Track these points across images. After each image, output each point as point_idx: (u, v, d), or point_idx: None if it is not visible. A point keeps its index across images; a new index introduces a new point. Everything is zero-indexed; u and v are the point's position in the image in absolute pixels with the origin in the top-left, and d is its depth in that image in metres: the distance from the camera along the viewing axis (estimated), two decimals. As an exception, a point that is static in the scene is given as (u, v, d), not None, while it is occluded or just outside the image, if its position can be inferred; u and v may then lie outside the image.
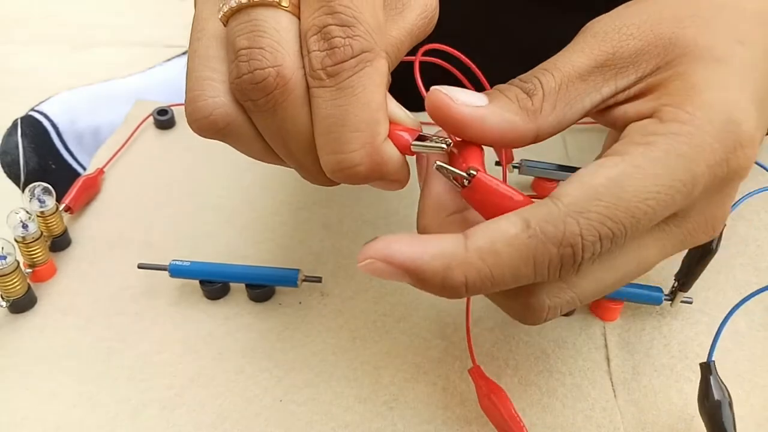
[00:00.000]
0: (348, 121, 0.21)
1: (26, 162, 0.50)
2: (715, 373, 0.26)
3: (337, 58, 0.21)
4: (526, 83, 0.22)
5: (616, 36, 0.23)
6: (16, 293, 0.32)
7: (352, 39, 0.21)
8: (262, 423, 0.28)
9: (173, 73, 0.59)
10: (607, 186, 0.19)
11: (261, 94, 0.21)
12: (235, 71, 0.21)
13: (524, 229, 0.19)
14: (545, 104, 0.22)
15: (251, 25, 0.21)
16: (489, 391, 0.27)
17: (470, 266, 0.20)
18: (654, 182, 0.20)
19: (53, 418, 0.29)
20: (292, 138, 0.23)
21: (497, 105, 0.22)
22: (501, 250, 0.19)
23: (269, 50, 0.21)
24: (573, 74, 0.22)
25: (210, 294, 0.33)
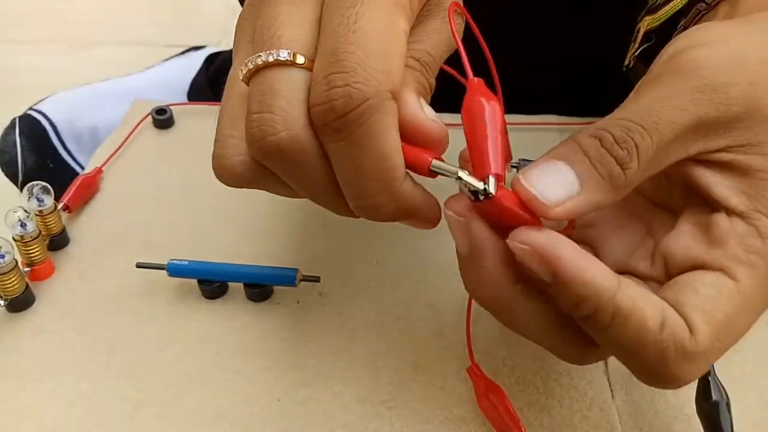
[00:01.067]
0: (362, 173, 0.21)
1: (24, 161, 0.50)
2: (713, 373, 0.26)
3: (338, 112, 0.20)
4: (621, 148, 0.20)
5: (723, 96, 0.21)
6: (14, 292, 0.32)
7: (351, 88, 0.20)
8: (260, 422, 0.28)
9: (172, 72, 0.59)
10: (727, 326, 0.20)
11: (275, 159, 0.22)
12: (248, 137, 0.22)
13: (657, 331, 0.20)
14: (638, 175, 0.21)
15: (264, 88, 0.21)
16: (487, 390, 0.27)
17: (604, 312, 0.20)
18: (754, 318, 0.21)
19: (51, 416, 0.29)
20: (315, 188, 0.23)
21: (590, 192, 0.20)
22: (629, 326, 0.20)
23: (279, 114, 0.21)
24: (671, 136, 0.21)
25: (208, 293, 0.33)
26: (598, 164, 0.20)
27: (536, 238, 0.20)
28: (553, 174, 0.21)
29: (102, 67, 0.73)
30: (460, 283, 0.34)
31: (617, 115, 0.21)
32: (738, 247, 0.21)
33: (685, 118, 0.21)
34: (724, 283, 0.20)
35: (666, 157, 0.21)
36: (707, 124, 0.21)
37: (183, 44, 0.67)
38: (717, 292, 0.20)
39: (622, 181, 0.20)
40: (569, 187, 0.20)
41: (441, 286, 0.34)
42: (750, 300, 0.20)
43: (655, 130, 0.20)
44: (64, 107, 0.52)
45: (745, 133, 0.21)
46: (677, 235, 0.23)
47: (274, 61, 0.21)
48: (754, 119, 0.21)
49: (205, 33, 1.05)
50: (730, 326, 0.20)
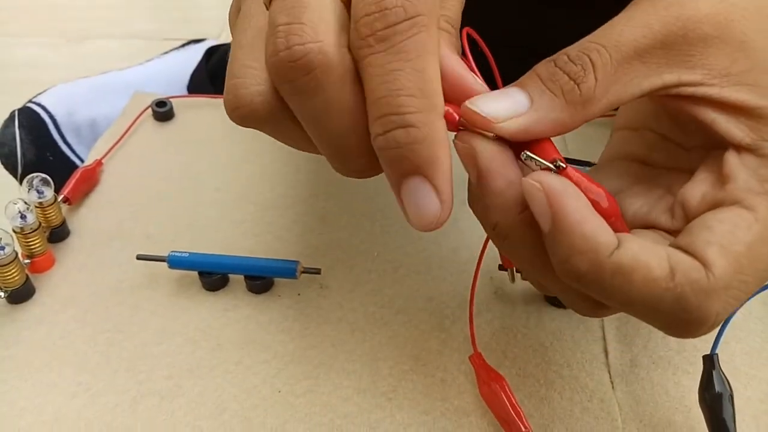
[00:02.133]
0: (403, 86, 0.19)
1: (23, 154, 0.49)
2: (718, 365, 0.26)
3: (389, 20, 0.19)
4: (575, 64, 0.20)
5: (691, 11, 0.20)
6: (15, 284, 0.32)
7: (397, 6, 0.19)
8: (260, 414, 0.28)
9: (172, 65, 0.59)
10: (748, 257, 0.19)
11: (300, 73, 0.19)
12: (272, 47, 0.19)
13: (668, 279, 0.19)
14: (597, 90, 0.20)
15: (293, 1, 0.20)
16: (489, 379, 0.27)
17: (600, 269, 0.19)
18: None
19: (52, 408, 0.29)
20: (334, 120, 0.20)
21: (540, 108, 0.20)
22: (635, 281, 0.19)
23: (310, 24, 0.19)
24: (632, 53, 0.20)
25: (209, 285, 0.33)
26: (548, 81, 0.20)
27: (550, 179, 0.19)
28: (502, 98, 0.20)
29: (101, 61, 0.73)
30: (461, 276, 0.34)
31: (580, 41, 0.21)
32: (751, 179, 0.20)
33: (648, 34, 0.20)
34: (740, 215, 0.20)
35: (633, 78, 0.20)
36: (674, 44, 0.20)
37: (182, 38, 0.67)
38: (733, 225, 0.20)
39: (576, 95, 0.20)
40: (516, 105, 0.20)
41: (442, 278, 0.34)
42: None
43: (614, 47, 0.20)
44: (63, 100, 0.52)
45: (721, 60, 0.21)
46: (693, 183, 0.22)
47: None
48: (727, 44, 0.20)
49: (204, 26, 1.05)
50: (753, 257, 0.19)
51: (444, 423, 0.28)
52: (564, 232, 0.19)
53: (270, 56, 0.20)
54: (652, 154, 0.25)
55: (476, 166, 0.21)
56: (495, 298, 0.33)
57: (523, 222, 0.21)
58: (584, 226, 0.19)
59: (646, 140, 0.25)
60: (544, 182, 0.19)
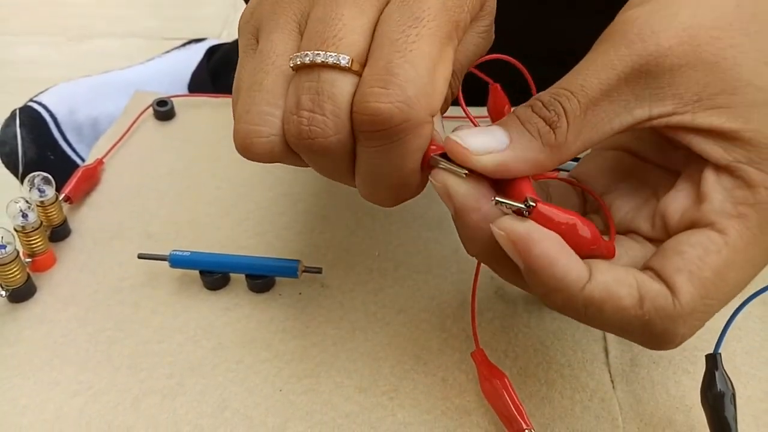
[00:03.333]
0: (381, 181, 0.23)
1: (24, 153, 0.50)
2: (720, 365, 0.26)
3: (377, 126, 0.21)
4: (548, 111, 0.21)
5: (653, 46, 0.21)
6: (16, 282, 0.32)
7: (395, 106, 0.20)
8: (262, 412, 0.28)
9: (173, 64, 0.59)
10: (715, 282, 0.20)
11: (314, 153, 0.22)
12: (295, 130, 0.22)
13: (636, 307, 0.20)
14: (569, 135, 0.21)
15: (318, 87, 0.22)
16: (491, 375, 0.27)
17: (574, 303, 0.20)
18: (752, 266, 0.21)
19: (53, 406, 0.29)
20: (338, 175, 0.24)
21: (519, 146, 0.21)
22: (606, 311, 0.20)
23: (331, 119, 0.22)
24: (598, 95, 0.21)
25: (210, 284, 0.33)
26: (527, 123, 0.21)
27: (514, 226, 0.21)
28: (485, 133, 0.22)
29: (102, 60, 0.73)
30: (462, 275, 0.34)
31: (552, 86, 0.22)
32: (726, 202, 0.21)
33: (611, 74, 0.21)
34: (711, 239, 0.20)
35: (603, 118, 0.21)
36: (640, 79, 0.21)
37: (183, 37, 0.67)
38: (703, 250, 0.20)
39: (552, 139, 0.21)
40: (496, 142, 0.21)
41: (442, 278, 0.34)
42: (743, 252, 0.20)
43: (581, 92, 0.21)
44: (64, 99, 0.52)
45: (691, 87, 0.21)
46: (673, 195, 0.23)
47: (334, 64, 0.21)
48: (696, 70, 0.21)
49: (205, 25, 1.05)
50: (720, 281, 0.20)
51: (445, 422, 0.28)
52: (536, 273, 0.20)
53: (291, 134, 0.22)
54: (643, 147, 0.26)
55: (452, 203, 0.22)
56: (496, 297, 0.33)
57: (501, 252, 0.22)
58: (554, 268, 0.20)
59: (638, 132, 0.25)
60: (508, 230, 0.21)
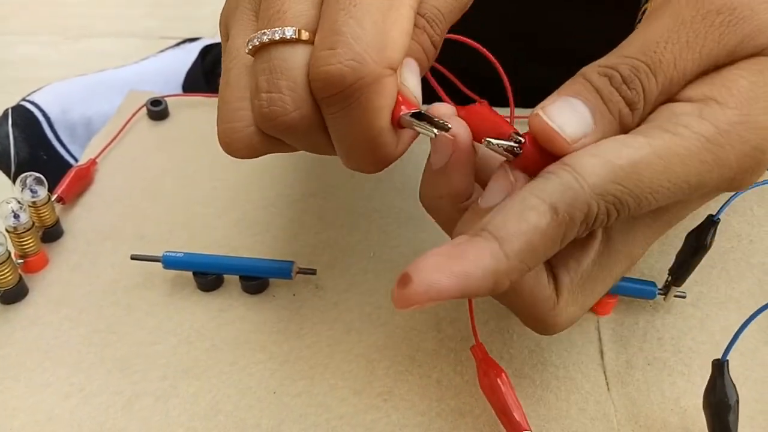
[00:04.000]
0: (353, 145, 0.22)
1: (17, 153, 0.49)
2: (727, 372, 0.25)
3: (332, 89, 0.21)
4: (629, 89, 0.20)
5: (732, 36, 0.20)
6: (7, 284, 0.32)
7: (344, 66, 0.20)
8: (255, 414, 0.28)
9: (167, 64, 0.58)
10: (628, 172, 0.19)
11: (285, 134, 0.23)
12: (258, 114, 0.22)
13: (554, 217, 0.19)
14: (642, 116, 0.21)
15: (270, 66, 0.22)
16: (490, 370, 0.27)
17: (514, 270, 0.20)
18: (668, 177, 0.20)
19: (45, 408, 0.29)
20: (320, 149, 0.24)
21: (601, 130, 0.20)
22: (537, 244, 0.19)
23: (288, 94, 0.21)
24: (676, 84, 0.20)
25: (203, 286, 0.33)
26: (609, 103, 0.20)
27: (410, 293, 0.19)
28: (570, 110, 0.20)
29: (96, 59, 0.73)
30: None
31: (624, 52, 0.21)
32: (667, 121, 0.20)
33: (693, 63, 0.20)
34: (632, 138, 0.20)
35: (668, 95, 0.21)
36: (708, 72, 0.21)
37: (178, 36, 0.67)
38: (620, 144, 0.20)
39: (629, 120, 0.20)
40: (585, 124, 0.20)
41: (437, 278, 0.34)
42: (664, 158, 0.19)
43: (662, 72, 0.20)
44: (57, 98, 0.52)
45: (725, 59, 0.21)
46: None
47: (280, 39, 0.21)
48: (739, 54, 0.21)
49: (200, 25, 1.05)
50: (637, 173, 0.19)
51: (440, 423, 0.28)
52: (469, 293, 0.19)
53: (257, 117, 0.22)
54: None
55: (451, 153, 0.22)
56: (491, 298, 0.33)
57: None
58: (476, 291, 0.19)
59: None
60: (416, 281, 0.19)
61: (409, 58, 0.23)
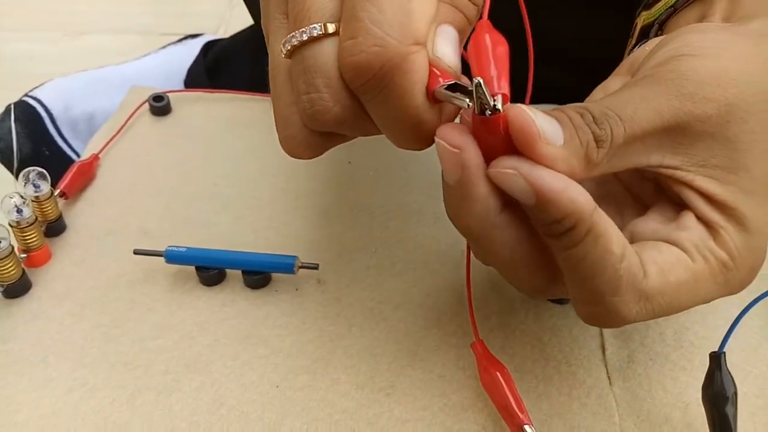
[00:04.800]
0: (394, 127, 0.22)
1: (19, 148, 0.49)
2: (724, 364, 0.26)
3: (362, 78, 0.21)
4: (601, 129, 0.21)
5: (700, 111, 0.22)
6: (11, 278, 0.32)
7: (368, 53, 0.20)
8: (258, 409, 0.28)
9: (169, 60, 0.58)
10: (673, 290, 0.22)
11: (332, 128, 0.23)
12: (304, 115, 0.23)
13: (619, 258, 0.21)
14: (605, 158, 0.21)
15: (305, 66, 0.22)
16: (490, 366, 0.27)
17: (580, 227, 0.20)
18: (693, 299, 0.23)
19: (48, 403, 0.29)
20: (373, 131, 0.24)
21: (569, 149, 0.21)
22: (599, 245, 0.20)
23: (326, 91, 0.22)
24: (639, 133, 0.21)
25: (206, 280, 0.33)
26: (579, 131, 0.21)
27: (521, 162, 0.20)
28: (547, 120, 0.21)
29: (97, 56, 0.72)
30: (459, 271, 0.34)
31: (600, 101, 0.22)
32: (699, 241, 0.23)
33: (658, 120, 0.22)
34: (682, 256, 0.22)
35: (628, 155, 0.22)
36: (672, 133, 0.22)
37: (180, 33, 0.67)
38: (675, 259, 0.22)
39: (594, 155, 0.21)
40: (557, 137, 0.21)
41: (440, 274, 0.34)
42: (696, 284, 0.22)
43: (629, 122, 0.21)
44: (60, 94, 0.52)
45: (702, 153, 0.22)
46: (646, 219, 0.24)
47: (308, 39, 0.21)
48: (716, 141, 0.22)
49: (201, 21, 1.05)
50: (676, 293, 0.22)
51: (442, 418, 0.28)
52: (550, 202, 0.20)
53: (305, 119, 0.23)
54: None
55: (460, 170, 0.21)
56: (493, 293, 0.33)
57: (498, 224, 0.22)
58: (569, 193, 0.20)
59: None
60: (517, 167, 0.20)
61: (443, 24, 0.22)
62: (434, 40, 0.22)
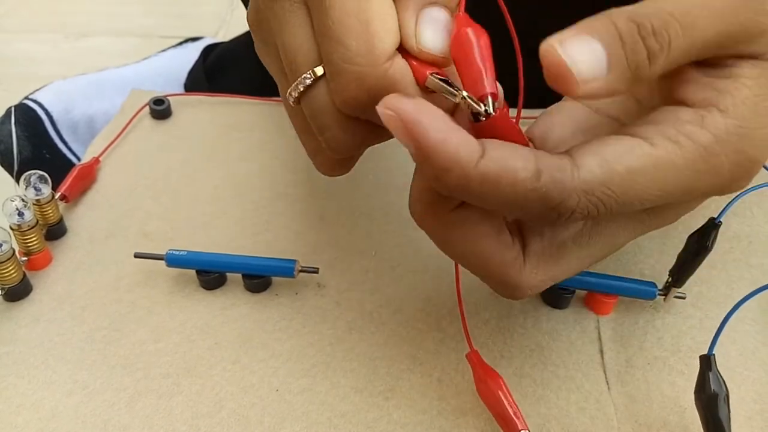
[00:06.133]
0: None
1: (20, 151, 0.49)
2: (714, 366, 0.26)
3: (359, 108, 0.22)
4: (656, 41, 0.19)
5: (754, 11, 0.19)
6: (12, 281, 0.32)
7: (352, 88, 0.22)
8: (258, 412, 0.29)
9: (169, 63, 0.58)
10: (623, 178, 0.19)
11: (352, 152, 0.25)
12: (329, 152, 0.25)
13: (533, 180, 0.19)
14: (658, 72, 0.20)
15: (310, 112, 0.24)
16: (486, 376, 0.27)
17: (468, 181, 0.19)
18: (659, 186, 0.20)
19: (48, 405, 0.29)
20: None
21: (613, 79, 0.19)
22: (502, 183, 0.19)
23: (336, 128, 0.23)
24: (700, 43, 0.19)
25: (206, 284, 0.33)
26: (630, 52, 0.19)
27: (403, 104, 0.19)
28: (587, 49, 0.19)
29: (97, 58, 0.73)
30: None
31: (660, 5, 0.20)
32: (670, 127, 0.20)
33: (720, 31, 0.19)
34: (637, 144, 0.20)
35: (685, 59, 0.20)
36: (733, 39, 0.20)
37: (180, 35, 0.67)
38: (626, 148, 0.19)
39: (645, 73, 0.19)
40: (599, 68, 0.19)
41: (439, 278, 0.34)
42: (658, 171, 0.19)
43: (687, 34, 0.19)
44: (60, 97, 0.52)
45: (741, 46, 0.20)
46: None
47: (305, 88, 0.23)
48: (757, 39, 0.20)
49: (201, 24, 1.05)
50: (628, 181, 0.19)
51: (441, 422, 0.28)
52: (427, 152, 0.19)
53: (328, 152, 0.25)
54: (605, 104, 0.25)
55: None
56: (491, 297, 0.33)
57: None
58: (446, 144, 0.19)
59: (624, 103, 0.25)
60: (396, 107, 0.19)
61: (426, 8, 0.22)
62: (417, 29, 0.22)
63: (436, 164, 0.19)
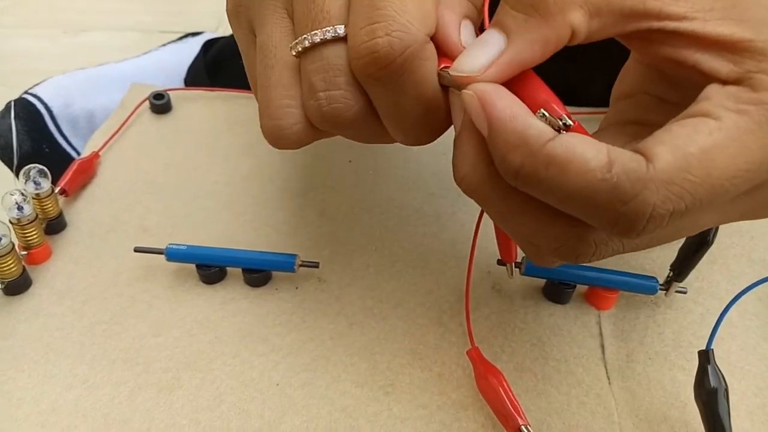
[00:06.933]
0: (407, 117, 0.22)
1: (19, 145, 0.49)
2: (713, 361, 0.26)
3: (380, 63, 0.21)
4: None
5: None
6: (11, 275, 0.32)
7: (391, 37, 0.20)
8: (258, 406, 0.28)
9: (169, 57, 0.58)
10: (701, 159, 0.18)
11: (343, 127, 0.23)
12: (318, 114, 0.23)
13: (603, 170, 0.18)
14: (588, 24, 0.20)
15: (324, 65, 0.22)
16: (486, 373, 0.27)
17: (534, 162, 0.18)
18: (745, 159, 0.18)
19: (48, 399, 0.29)
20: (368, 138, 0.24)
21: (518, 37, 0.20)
22: (571, 170, 0.18)
23: (348, 89, 0.22)
24: None
25: (207, 278, 0.33)
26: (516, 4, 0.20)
27: (482, 86, 0.20)
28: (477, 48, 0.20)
29: (98, 53, 0.73)
30: (459, 270, 0.34)
31: None
32: (727, 99, 0.19)
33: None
34: (703, 122, 0.19)
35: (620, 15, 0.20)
36: None
37: (179, 30, 0.67)
38: (693, 129, 0.18)
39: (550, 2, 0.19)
40: (492, 49, 0.20)
41: (440, 272, 0.34)
42: (737, 141, 0.18)
43: None
44: (60, 91, 0.51)
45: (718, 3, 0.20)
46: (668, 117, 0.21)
47: (332, 38, 0.22)
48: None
49: (201, 19, 1.05)
50: (706, 161, 0.18)
51: (441, 416, 0.28)
52: (497, 130, 0.19)
53: (315, 116, 0.23)
54: (648, 116, 0.25)
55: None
56: (493, 292, 0.33)
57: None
58: (515, 121, 0.19)
59: (642, 103, 0.25)
60: (476, 89, 0.20)
61: (465, 20, 0.22)
62: (461, 32, 0.22)
63: (505, 141, 0.19)
